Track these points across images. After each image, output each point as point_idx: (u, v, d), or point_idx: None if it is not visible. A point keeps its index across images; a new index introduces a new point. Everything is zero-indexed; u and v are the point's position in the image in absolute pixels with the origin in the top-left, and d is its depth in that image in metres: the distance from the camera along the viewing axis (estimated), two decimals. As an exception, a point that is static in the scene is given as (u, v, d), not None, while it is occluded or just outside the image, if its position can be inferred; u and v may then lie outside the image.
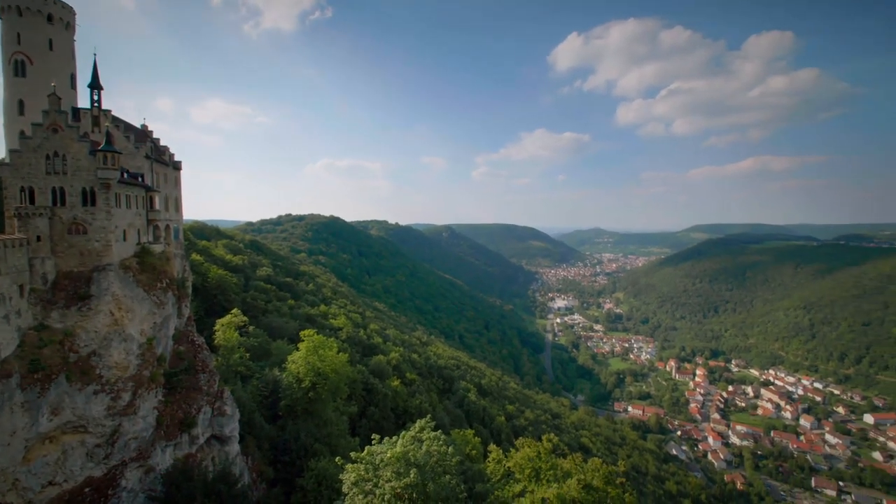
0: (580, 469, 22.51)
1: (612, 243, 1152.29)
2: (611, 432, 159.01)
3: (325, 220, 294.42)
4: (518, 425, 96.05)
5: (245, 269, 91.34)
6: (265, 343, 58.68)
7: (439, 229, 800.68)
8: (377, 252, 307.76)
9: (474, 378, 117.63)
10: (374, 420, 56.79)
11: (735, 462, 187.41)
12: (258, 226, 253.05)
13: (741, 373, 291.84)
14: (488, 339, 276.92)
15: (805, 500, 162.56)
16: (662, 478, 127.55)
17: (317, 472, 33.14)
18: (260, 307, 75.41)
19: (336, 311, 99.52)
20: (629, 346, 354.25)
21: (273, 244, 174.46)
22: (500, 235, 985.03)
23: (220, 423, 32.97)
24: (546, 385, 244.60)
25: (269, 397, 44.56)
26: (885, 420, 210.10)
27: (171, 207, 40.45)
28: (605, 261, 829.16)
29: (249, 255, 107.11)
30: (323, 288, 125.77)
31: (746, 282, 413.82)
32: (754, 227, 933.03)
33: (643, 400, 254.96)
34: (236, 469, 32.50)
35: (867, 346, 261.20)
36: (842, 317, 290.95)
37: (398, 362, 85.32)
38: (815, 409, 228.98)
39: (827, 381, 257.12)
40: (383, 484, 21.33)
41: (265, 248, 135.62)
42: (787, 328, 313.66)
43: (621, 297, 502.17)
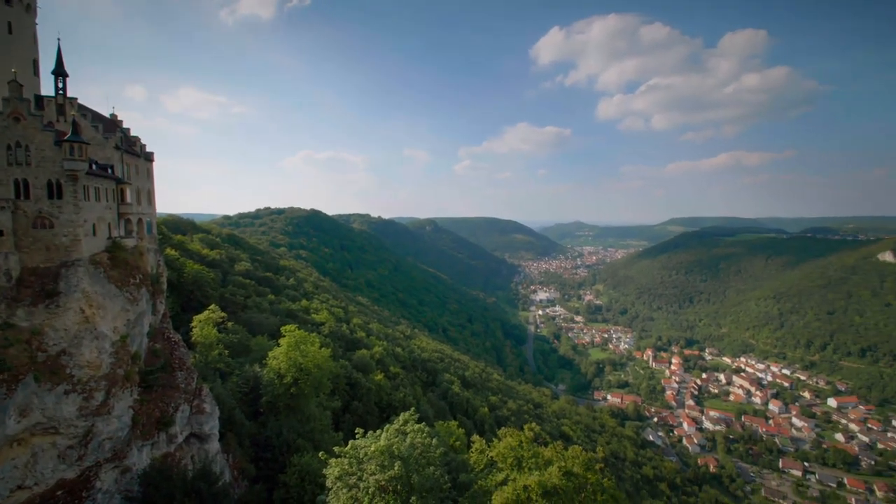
0: (561, 456, 23.06)
1: (593, 236, 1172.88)
2: (591, 420, 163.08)
3: (305, 214, 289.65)
4: (501, 416, 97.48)
5: (223, 264, 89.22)
6: (245, 339, 57.61)
7: (423, 223, 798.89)
8: (360, 246, 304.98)
9: (458, 370, 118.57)
10: (357, 414, 56.68)
11: (708, 446, 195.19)
12: (236, 219, 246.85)
13: (714, 361, 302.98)
14: (472, 331, 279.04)
15: (773, 481, 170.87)
16: (640, 463, 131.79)
17: (300, 468, 32.95)
18: (239, 303, 73.90)
19: (318, 306, 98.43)
20: (608, 337, 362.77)
21: (252, 238, 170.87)
22: (483, 229, 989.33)
23: (199, 420, 32.33)
24: (528, 376, 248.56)
25: (249, 394, 43.90)
26: (847, 403, 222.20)
27: (143, 200, 39.04)
28: (586, 253, 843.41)
29: (227, 250, 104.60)
30: (304, 283, 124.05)
31: (720, 273, 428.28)
32: (728, 220, 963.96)
33: (622, 388, 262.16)
34: (217, 467, 32.00)
35: (831, 334, 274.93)
36: (808, 306, 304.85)
37: (382, 356, 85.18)
38: (783, 395, 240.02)
39: (794, 367, 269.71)
40: (367, 477, 21.39)
41: (243, 242, 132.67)
42: (757, 317, 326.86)
43: (601, 288, 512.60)
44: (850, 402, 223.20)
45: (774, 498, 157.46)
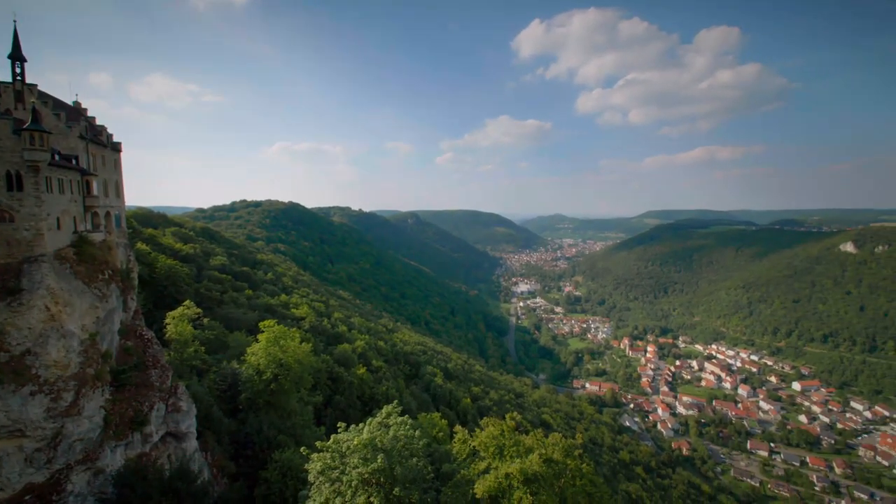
0: (541, 444, 23.60)
1: (573, 229, 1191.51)
2: (570, 408, 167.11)
3: (283, 207, 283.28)
4: (483, 406, 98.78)
5: (197, 259, 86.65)
6: (222, 335, 56.34)
7: (404, 216, 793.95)
8: (340, 239, 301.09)
9: (441, 362, 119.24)
10: (339, 408, 56.44)
11: (681, 430, 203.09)
12: (210, 212, 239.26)
13: (687, 348, 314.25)
14: (454, 324, 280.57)
15: (742, 462, 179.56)
16: (617, 448, 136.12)
17: (281, 464, 32.65)
18: (215, 298, 72.06)
19: (298, 301, 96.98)
20: (587, 327, 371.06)
21: (227, 232, 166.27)
22: (465, 222, 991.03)
23: (176, 419, 31.56)
24: (510, 366, 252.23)
25: (227, 391, 43.04)
26: (810, 387, 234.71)
27: (110, 193, 37.42)
28: (566, 246, 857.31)
29: (201, 244, 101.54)
30: (283, 277, 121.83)
31: (693, 264, 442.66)
32: (701, 212, 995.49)
33: (600, 376, 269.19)
34: (195, 465, 31.38)
35: (796, 321, 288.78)
36: (775, 295, 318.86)
37: (364, 350, 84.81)
38: (752, 380, 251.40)
39: (762, 353, 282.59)
40: (350, 471, 21.38)
41: (219, 236, 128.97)
42: (728, 306, 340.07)
43: (580, 280, 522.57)
44: (812, 385, 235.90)
45: (743, 477, 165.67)
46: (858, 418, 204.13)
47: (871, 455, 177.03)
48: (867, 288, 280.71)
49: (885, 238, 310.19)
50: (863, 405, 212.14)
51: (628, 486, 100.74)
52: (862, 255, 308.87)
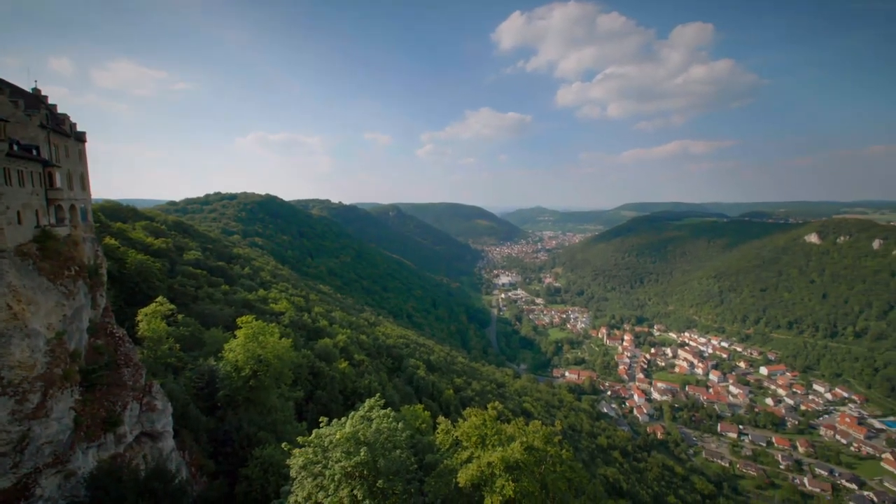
0: (522, 432, 24.07)
1: (553, 221, 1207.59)
2: (550, 396, 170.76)
3: (259, 199, 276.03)
4: (466, 396, 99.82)
5: (170, 253, 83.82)
6: (197, 332, 54.91)
7: (386, 208, 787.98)
8: (320, 233, 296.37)
9: (423, 355, 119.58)
10: (321, 403, 56.03)
11: (656, 415, 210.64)
12: (183, 205, 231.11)
13: (662, 336, 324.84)
14: (436, 316, 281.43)
15: (712, 444, 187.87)
16: (595, 433, 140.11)
17: (262, 460, 32.27)
18: (189, 294, 70.02)
19: (277, 296, 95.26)
20: (566, 317, 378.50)
21: (201, 226, 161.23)
22: (446, 214, 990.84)
23: (151, 418, 30.70)
24: (492, 357, 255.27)
25: (205, 388, 42.08)
26: (776, 371, 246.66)
27: (75, 185, 35.68)
28: (546, 238, 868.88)
29: (174, 238, 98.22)
30: (261, 271, 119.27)
31: (667, 255, 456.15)
32: (675, 205, 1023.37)
33: (578, 365, 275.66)
34: (172, 465, 30.68)
35: (764, 309, 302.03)
36: (744, 284, 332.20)
37: (346, 344, 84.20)
38: (722, 365, 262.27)
39: (732, 340, 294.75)
40: (333, 465, 21.33)
41: (192, 229, 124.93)
42: (700, 295, 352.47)
43: (560, 271, 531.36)
44: (778, 369, 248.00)
45: (714, 458, 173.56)
46: (820, 400, 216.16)
47: (830, 434, 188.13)
48: (829, 277, 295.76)
49: (846, 229, 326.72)
50: (824, 387, 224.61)
51: (606, 470, 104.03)
52: (825, 245, 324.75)
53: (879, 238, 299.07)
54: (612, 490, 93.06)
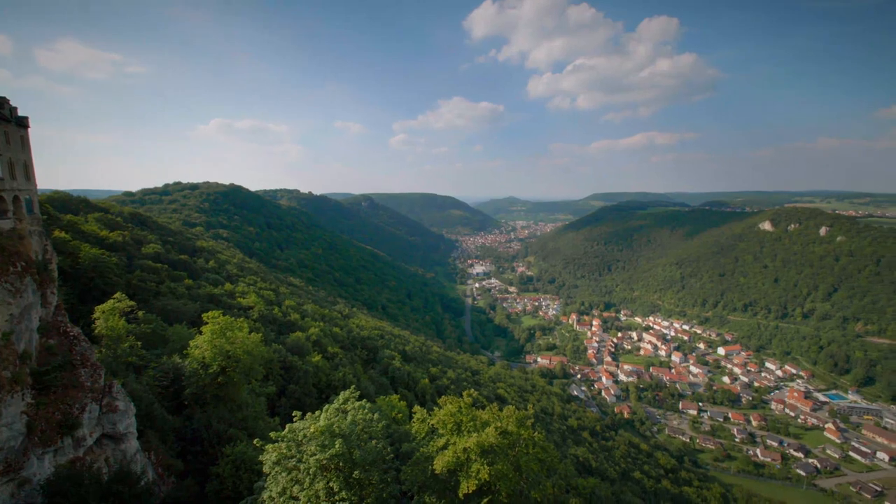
0: (497, 417, 24.60)
1: (525, 211, 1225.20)
2: (523, 381, 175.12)
3: (224, 189, 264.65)
4: (441, 385, 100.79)
5: (127, 247, 79.45)
6: (160, 329, 52.55)
7: (357, 199, 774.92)
8: (289, 224, 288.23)
9: (398, 346, 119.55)
10: (295, 398, 55.15)
11: (623, 396, 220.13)
12: (140, 196, 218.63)
13: (628, 321, 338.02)
14: (411, 307, 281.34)
15: (674, 420, 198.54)
16: (566, 415, 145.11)
17: (233, 458, 31.54)
18: (150, 289, 66.78)
19: (245, 289, 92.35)
20: (539, 305, 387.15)
21: (161, 217, 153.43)
22: (420, 204, 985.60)
23: (112, 420, 29.32)
24: (466, 345, 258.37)
25: (170, 387, 40.49)
26: (732, 351, 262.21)
27: (18, 174, 33.01)
28: (519, 228, 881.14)
29: (131, 231, 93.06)
30: (227, 265, 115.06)
31: (633, 243, 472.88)
32: (641, 195, 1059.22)
33: (550, 351, 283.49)
34: (137, 466, 29.51)
35: (721, 293, 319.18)
36: (704, 270, 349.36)
37: (318, 337, 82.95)
38: (683, 347, 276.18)
39: (692, 323, 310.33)
40: (308, 458, 21.13)
41: (151, 221, 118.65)
42: (663, 281, 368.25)
43: (532, 260, 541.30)
44: (734, 349, 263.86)
45: (676, 435, 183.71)
46: (771, 377, 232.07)
47: (780, 408, 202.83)
48: (781, 262, 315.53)
49: (796, 217, 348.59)
50: (775, 365, 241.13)
51: (576, 450, 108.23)
52: (777, 232, 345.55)
53: (826, 225, 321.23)
54: (582, 468, 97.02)
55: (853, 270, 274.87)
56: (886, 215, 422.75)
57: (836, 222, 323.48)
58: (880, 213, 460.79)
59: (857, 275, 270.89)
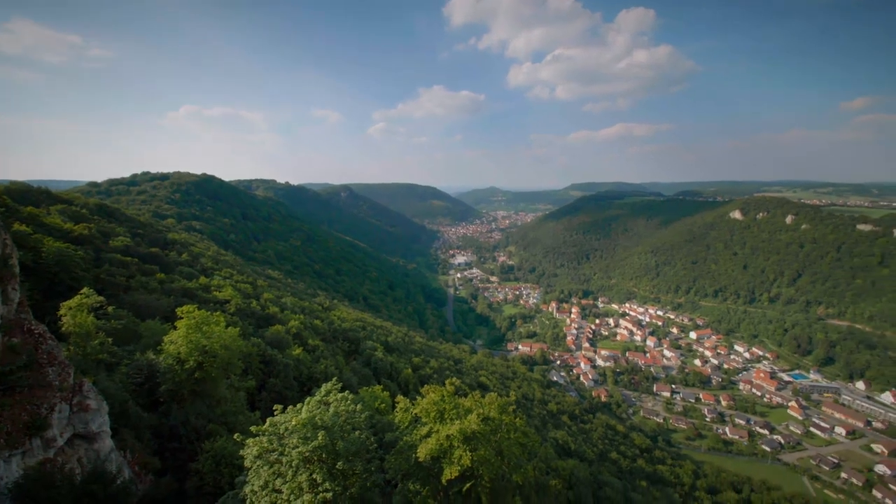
0: (479, 404, 25.00)
1: (506, 201, 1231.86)
2: (504, 369, 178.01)
3: (196, 179, 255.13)
4: (424, 375, 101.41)
5: (94, 240, 76.10)
6: (132, 324, 50.78)
7: (337, 189, 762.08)
8: (266, 215, 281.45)
9: (381, 337, 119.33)
10: (275, 391, 54.50)
11: (600, 380, 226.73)
12: (106, 187, 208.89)
13: (605, 307, 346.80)
14: (393, 298, 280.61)
15: (649, 402, 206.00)
16: (546, 400, 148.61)
17: (213, 453, 31.08)
18: (120, 284, 64.32)
19: (220, 283, 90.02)
20: (520, 294, 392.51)
21: (129, 209, 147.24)
22: (401, 195, 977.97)
23: (84, 419, 28.35)
24: (449, 335, 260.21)
25: (144, 383, 39.38)
26: (704, 335, 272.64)
27: (-31, 164, 30.97)
28: (500, 218, 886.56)
29: (98, 223, 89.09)
30: (201, 258, 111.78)
31: (611, 232, 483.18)
32: (617, 185, 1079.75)
33: (531, 338, 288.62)
34: (112, 466, 28.72)
35: (694, 280, 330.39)
36: (677, 258, 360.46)
37: (299, 330, 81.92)
38: (658, 332, 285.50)
39: (666, 308, 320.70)
40: (290, 451, 21.03)
41: (119, 213, 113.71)
42: (639, 269, 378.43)
43: (513, 250, 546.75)
44: (705, 333, 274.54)
45: (650, 416, 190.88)
46: (740, 359, 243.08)
47: (748, 388, 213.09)
48: (749, 249, 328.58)
49: (764, 206, 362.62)
50: (743, 347, 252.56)
51: (556, 433, 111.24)
52: (746, 221, 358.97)
53: (791, 214, 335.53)
54: (562, 451, 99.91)
55: (816, 257, 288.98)
56: (847, 204, 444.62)
57: (801, 211, 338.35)
58: (842, 202, 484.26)
59: (819, 261, 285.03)
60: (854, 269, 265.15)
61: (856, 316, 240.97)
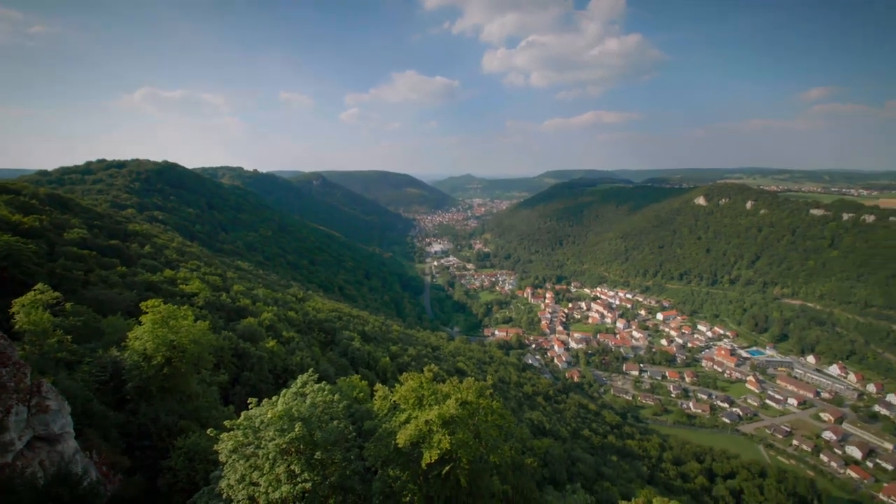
0: (457, 389, 25.36)
1: (481, 189, 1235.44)
2: (481, 354, 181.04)
3: (156, 167, 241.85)
4: (402, 362, 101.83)
5: (46, 233, 71.49)
6: (92, 321, 48.28)
7: (309, 177, 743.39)
8: (234, 204, 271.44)
9: (358, 326, 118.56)
10: (249, 385, 53.46)
11: (573, 361, 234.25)
12: (57, 175, 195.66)
13: (578, 292, 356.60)
14: (370, 287, 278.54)
15: (619, 381, 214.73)
16: (521, 383, 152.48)
17: (186, 449, 30.29)
18: (77, 278, 60.87)
19: (187, 276, 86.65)
20: (496, 280, 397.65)
21: (85, 199, 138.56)
22: (375, 182, 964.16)
23: (44, 420, 26.98)
24: (426, 322, 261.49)
25: (109, 381, 37.73)
26: (669, 316, 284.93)
27: None
28: (475, 205, 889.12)
29: (50, 214, 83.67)
30: (165, 249, 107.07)
31: (583, 219, 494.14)
32: (589, 172, 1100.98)
33: (507, 323, 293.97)
34: (77, 467, 27.57)
35: (661, 264, 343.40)
36: (646, 242, 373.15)
37: (272, 322, 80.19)
38: (627, 314, 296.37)
39: (635, 291, 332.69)
40: (266, 444, 20.78)
41: (73, 204, 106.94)
42: (609, 254, 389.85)
43: (489, 237, 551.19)
44: (671, 314, 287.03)
45: (620, 394, 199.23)
46: (702, 338, 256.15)
47: (710, 365, 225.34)
48: (712, 234, 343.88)
49: (726, 193, 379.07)
50: (706, 327, 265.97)
51: (531, 414, 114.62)
52: (710, 206, 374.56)
53: (751, 200, 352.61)
54: (537, 430, 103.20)
55: (773, 240, 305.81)
56: (802, 190, 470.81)
57: (760, 197, 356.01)
58: (797, 188, 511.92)
59: (776, 244, 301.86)
60: (807, 252, 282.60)
61: (808, 295, 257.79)
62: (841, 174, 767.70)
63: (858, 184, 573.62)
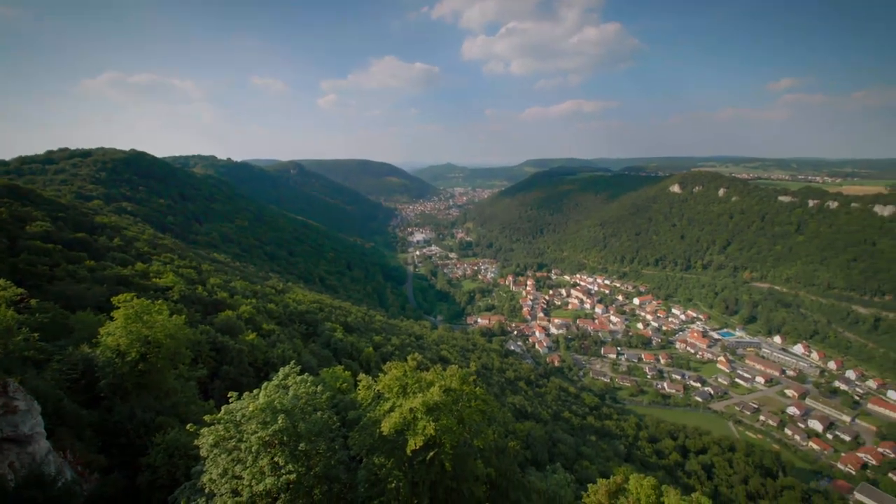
0: (441, 377, 25.60)
1: (463, 178, 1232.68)
2: (465, 342, 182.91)
3: (123, 156, 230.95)
4: (386, 352, 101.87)
5: (6, 226, 67.84)
6: (61, 317, 46.34)
7: (285, 165, 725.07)
8: (207, 195, 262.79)
9: (340, 317, 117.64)
10: (230, 378, 52.52)
11: (554, 347, 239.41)
12: (16, 165, 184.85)
13: (558, 279, 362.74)
14: (351, 277, 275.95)
15: (597, 364, 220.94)
16: (504, 369, 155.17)
17: (165, 446, 29.68)
18: (42, 273, 58.19)
19: (160, 269, 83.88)
20: (478, 269, 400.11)
21: (47, 191, 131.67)
22: (355, 172, 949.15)
23: (12, 421, 25.94)
24: (410, 312, 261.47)
25: (81, 379, 36.47)
26: (645, 301, 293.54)
27: None
28: (457, 194, 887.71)
29: (9, 207, 79.31)
30: (136, 242, 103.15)
31: (563, 207, 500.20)
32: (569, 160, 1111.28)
33: (489, 311, 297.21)
34: (51, 468, 26.72)
35: (637, 250, 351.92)
36: (623, 230, 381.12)
37: (251, 315, 78.72)
38: (605, 299, 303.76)
39: (612, 277, 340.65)
40: (248, 437, 20.58)
41: (35, 195, 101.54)
42: (588, 241, 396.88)
43: (471, 226, 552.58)
44: (647, 299, 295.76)
45: (598, 377, 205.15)
46: (676, 321, 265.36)
47: (683, 347, 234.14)
48: (686, 221, 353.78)
49: (700, 180, 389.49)
50: (679, 311, 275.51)
51: (514, 399, 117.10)
52: (684, 194, 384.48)
53: (724, 187, 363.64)
54: (520, 414, 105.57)
55: (743, 226, 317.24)
56: (771, 178, 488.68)
57: (732, 184, 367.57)
58: (767, 175, 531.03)
59: (746, 230, 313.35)
60: (775, 237, 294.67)
61: (775, 278, 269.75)
62: (808, 162, 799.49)
63: (824, 171, 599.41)
